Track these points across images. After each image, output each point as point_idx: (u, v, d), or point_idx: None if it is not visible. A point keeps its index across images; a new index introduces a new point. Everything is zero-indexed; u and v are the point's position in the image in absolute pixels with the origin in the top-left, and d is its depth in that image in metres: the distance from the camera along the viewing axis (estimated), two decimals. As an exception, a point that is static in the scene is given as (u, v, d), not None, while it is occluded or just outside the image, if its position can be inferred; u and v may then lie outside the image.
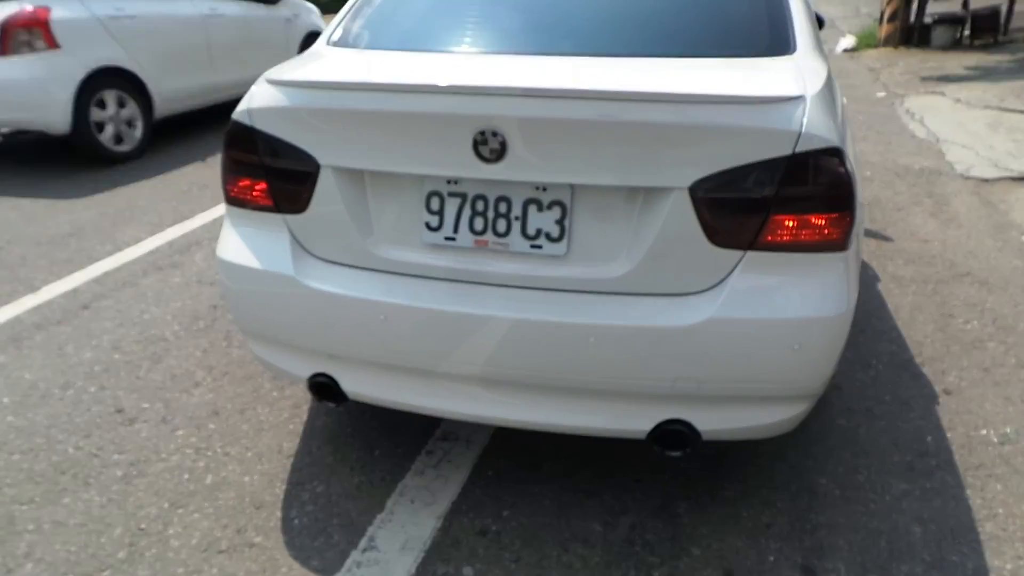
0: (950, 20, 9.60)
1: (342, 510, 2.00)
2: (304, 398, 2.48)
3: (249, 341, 2.06)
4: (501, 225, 1.64)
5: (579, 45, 1.90)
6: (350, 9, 2.22)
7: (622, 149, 1.51)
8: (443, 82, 1.58)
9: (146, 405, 2.49)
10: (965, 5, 9.97)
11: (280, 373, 2.04)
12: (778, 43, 1.81)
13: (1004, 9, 9.61)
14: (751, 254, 1.55)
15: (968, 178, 4.60)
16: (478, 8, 2.15)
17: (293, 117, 1.70)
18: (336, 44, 2.08)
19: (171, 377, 2.65)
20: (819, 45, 1.92)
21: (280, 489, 2.09)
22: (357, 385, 1.87)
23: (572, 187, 1.58)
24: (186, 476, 2.14)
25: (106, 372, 2.69)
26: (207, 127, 6.50)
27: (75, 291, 3.35)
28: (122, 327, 3.01)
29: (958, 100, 6.56)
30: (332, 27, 2.16)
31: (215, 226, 4.12)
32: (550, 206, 1.60)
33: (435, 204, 1.68)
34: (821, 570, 1.77)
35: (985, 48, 9.12)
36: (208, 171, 5.19)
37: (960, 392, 2.45)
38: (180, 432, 2.34)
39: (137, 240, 3.96)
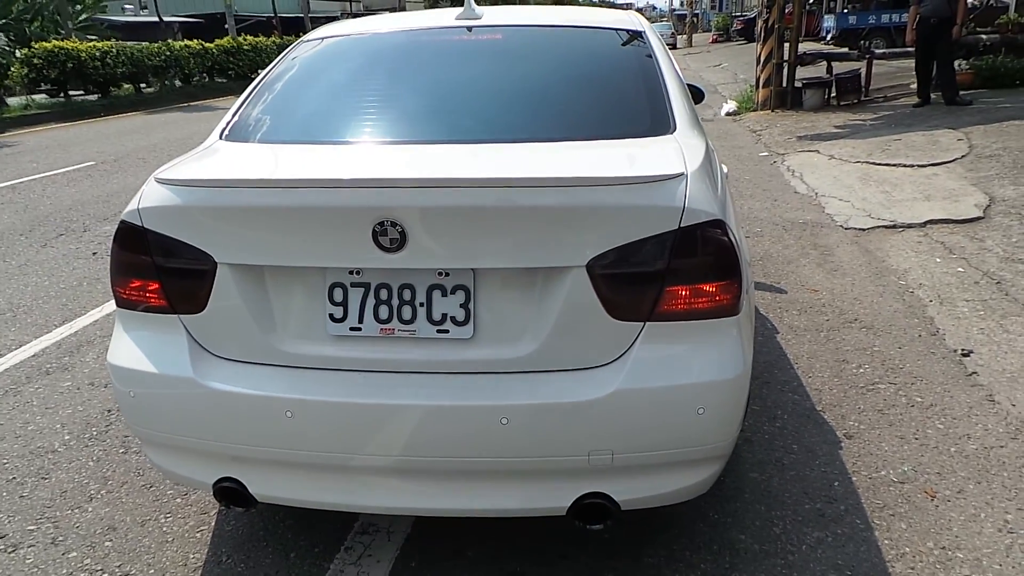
0: (818, 84, 10.49)
1: (256, 623, 1.88)
2: (211, 503, 2.34)
3: (147, 449, 1.94)
4: (406, 312, 1.64)
5: (472, 132, 1.96)
6: (243, 103, 2.21)
7: (519, 233, 1.55)
8: (339, 176, 1.59)
9: (32, 527, 2.28)
10: (829, 70, 10.96)
11: (182, 480, 1.93)
12: (658, 123, 1.92)
13: (863, 72, 10.61)
14: (650, 325, 1.60)
15: (847, 229, 4.96)
16: (370, 99, 2.19)
17: (186, 216, 1.66)
18: (229, 138, 2.06)
19: (60, 493, 2.45)
20: (697, 122, 2.06)
21: (187, 607, 1.94)
22: (266, 487, 1.79)
23: (474, 271, 1.61)
24: (79, 603, 1.96)
25: (-15, 494, 2.46)
26: (100, 218, 6.24)
27: (-51, 405, 3.08)
28: (3, 441, 2.78)
29: (832, 156, 7.12)
30: (225, 121, 2.15)
31: (109, 322, 3.91)
32: (453, 291, 1.62)
33: (338, 295, 1.66)
34: (748, 630, 1.79)
35: (850, 108, 9.98)
36: (99, 265, 4.95)
37: (860, 435, 2.58)
38: (72, 554, 2.15)
39: (20, 343, 3.71)
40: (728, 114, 10.95)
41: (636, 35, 2.37)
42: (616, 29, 2.41)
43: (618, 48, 2.35)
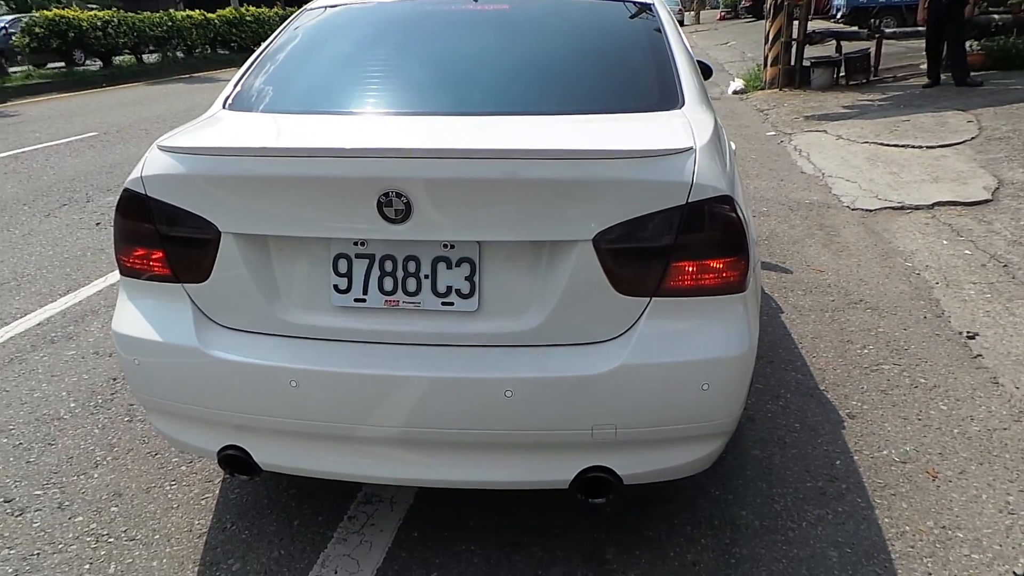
0: (827, 63, 10.37)
1: (260, 589, 1.90)
2: (216, 471, 2.36)
3: (152, 417, 1.95)
4: (411, 284, 1.63)
5: (478, 104, 1.94)
6: (246, 72, 2.19)
7: (525, 205, 1.54)
8: (344, 146, 1.57)
9: (39, 492, 2.30)
10: (838, 49, 10.82)
11: (187, 448, 1.94)
12: (667, 98, 1.90)
13: (873, 52, 10.48)
14: (656, 300, 1.59)
15: (854, 210, 4.93)
16: (374, 69, 2.17)
17: (189, 184, 1.65)
18: (232, 108, 2.04)
19: (67, 459, 2.47)
20: (705, 97, 2.03)
21: (192, 571, 1.96)
22: (270, 456, 1.80)
23: (479, 244, 1.60)
24: (86, 567, 1.99)
25: (-8, 459, 2.48)
26: (103, 188, 6.22)
27: (-45, 372, 3.10)
28: (9, 408, 2.80)
29: (839, 137, 7.05)
30: (228, 90, 2.12)
31: (113, 292, 3.91)
32: (459, 263, 1.61)
33: (343, 266, 1.65)
34: (747, 604, 1.80)
35: (859, 88, 9.87)
36: (103, 235, 4.94)
37: (862, 415, 2.58)
38: (79, 519, 2.18)
39: (25, 312, 3.71)
40: (735, 93, 10.83)
41: (645, 8, 2.34)
42: (625, 1, 2.38)
43: (627, 21, 2.32)
